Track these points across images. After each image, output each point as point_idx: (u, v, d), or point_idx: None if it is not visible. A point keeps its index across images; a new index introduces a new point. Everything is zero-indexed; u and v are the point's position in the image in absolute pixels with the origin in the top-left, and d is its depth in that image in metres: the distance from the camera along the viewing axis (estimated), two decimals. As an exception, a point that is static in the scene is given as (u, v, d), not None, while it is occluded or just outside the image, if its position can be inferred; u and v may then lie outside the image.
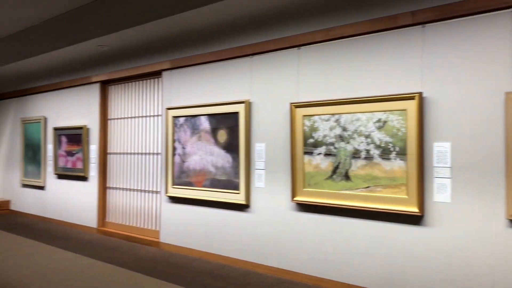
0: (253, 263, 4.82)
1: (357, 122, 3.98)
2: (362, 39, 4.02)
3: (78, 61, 6.86)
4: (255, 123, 4.85)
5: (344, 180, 4.05)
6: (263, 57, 4.80)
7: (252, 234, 4.85)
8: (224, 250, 5.13)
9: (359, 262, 3.99)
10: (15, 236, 6.64)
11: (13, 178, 8.99)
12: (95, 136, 7.01)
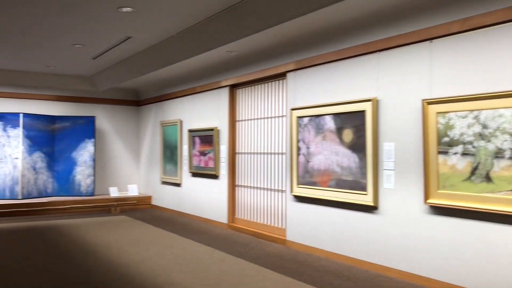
0: (382, 265, 4.67)
1: (499, 119, 3.62)
2: (503, 28, 3.65)
3: (209, 67, 7.32)
4: (383, 122, 4.69)
5: (485, 182, 3.72)
6: (390, 52, 4.62)
7: (380, 236, 4.70)
8: (350, 251, 5.05)
9: (504, 273, 3.63)
10: (157, 228, 7.32)
11: (154, 176, 9.93)
12: (224, 137, 7.42)
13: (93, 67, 8.56)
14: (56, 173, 9.56)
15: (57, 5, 5.00)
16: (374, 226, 4.77)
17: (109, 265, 4.99)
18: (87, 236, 6.61)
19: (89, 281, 4.40)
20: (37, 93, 9.61)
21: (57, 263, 5.09)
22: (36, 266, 4.98)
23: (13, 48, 7.04)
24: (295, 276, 4.53)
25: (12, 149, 8.98)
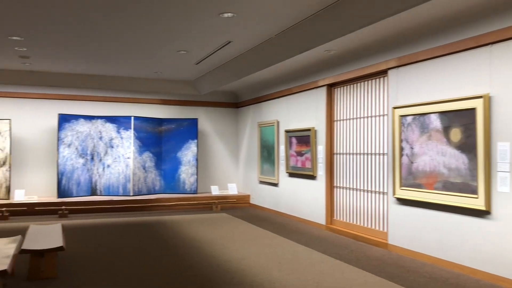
0: (495, 275, 4.32)
1: None
2: None
3: (306, 67, 7.32)
4: (496, 120, 4.33)
5: None
6: (506, 45, 4.25)
7: (494, 243, 4.35)
8: (459, 258, 4.73)
9: None
10: (255, 227, 7.49)
11: (252, 175, 10.18)
12: (322, 137, 7.37)
13: (196, 71, 9.00)
14: (163, 171, 10.22)
15: (164, 16, 5.34)
16: (486, 232, 4.43)
17: (212, 260, 5.21)
18: (191, 232, 6.97)
19: (195, 274, 4.63)
20: (146, 97, 10.35)
21: (166, 256, 5.43)
22: (148, 257, 5.37)
23: (126, 57, 7.66)
24: (398, 282, 4.37)
25: (125, 150, 9.76)
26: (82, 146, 9.57)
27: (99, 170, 9.70)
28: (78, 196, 9.42)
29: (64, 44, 6.80)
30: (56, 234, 5.14)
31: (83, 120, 9.59)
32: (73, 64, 8.33)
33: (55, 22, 5.65)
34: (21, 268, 4.73)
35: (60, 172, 9.22)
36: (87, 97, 9.88)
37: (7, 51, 7.25)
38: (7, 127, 8.91)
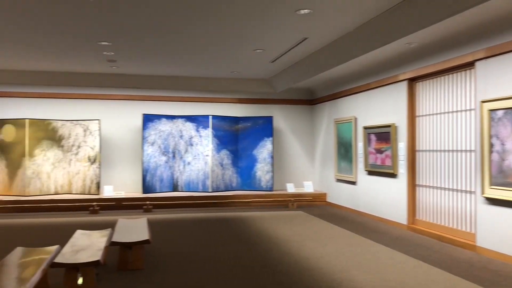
0: None
1: None
2: None
3: (385, 61, 7.08)
4: None
5: None
6: None
7: None
8: (561, 265, 4.33)
9: None
10: (333, 225, 7.39)
11: (328, 173, 10.05)
12: (403, 133, 7.09)
13: (271, 69, 9.06)
14: (239, 169, 10.41)
15: (241, 17, 5.43)
16: None
17: (290, 257, 5.22)
18: (268, 228, 7.03)
19: (274, 271, 4.67)
20: (223, 96, 10.60)
21: (245, 251, 5.53)
22: (227, 252, 5.50)
23: (204, 58, 7.89)
24: (487, 286, 4.09)
25: (203, 147, 10.07)
26: (164, 145, 10.02)
27: (180, 167, 10.09)
28: (161, 191, 9.88)
29: (147, 48, 7.15)
30: (142, 228, 5.42)
31: (165, 120, 10.04)
32: (156, 66, 8.73)
33: (139, 28, 5.96)
34: (111, 259, 5.05)
35: (144, 169, 9.73)
36: (168, 98, 10.33)
37: (97, 56, 7.76)
38: (97, 127, 9.56)
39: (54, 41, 6.73)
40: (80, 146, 9.62)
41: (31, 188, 9.23)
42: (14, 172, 9.27)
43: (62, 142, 9.60)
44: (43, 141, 9.44)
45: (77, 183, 9.58)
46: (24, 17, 5.53)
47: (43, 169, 9.39)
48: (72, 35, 6.38)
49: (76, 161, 9.60)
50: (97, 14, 5.40)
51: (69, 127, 9.64)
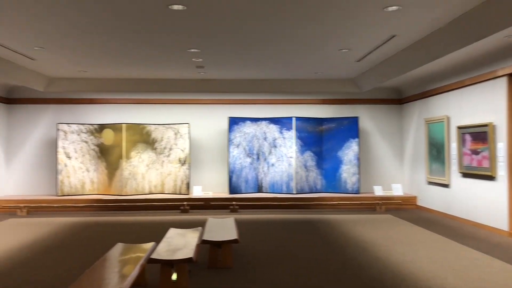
0: None
1: None
2: None
3: (481, 57, 6.63)
4: None
5: None
6: None
7: None
8: None
9: None
10: (424, 230, 7.04)
11: (418, 175, 9.61)
12: (502, 133, 6.58)
13: (357, 69, 8.87)
14: (324, 171, 10.31)
15: (327, 16, 5.38)
16: None
17: (379, 261, 5.06)
18: (355, 232, 6.88)
19: (363, 275, 4.56)
20: (306, 98, 10.58)
21: (332, 254, 5.46)
22: (314, 254, 5.47)
23: (288, 60, 7.93)
24: None
25: (287, 149, 10.12)
26: (249, 146, 10.22)
27: (264, 169, 10.23)
28: (246, 192, 10.08)
29: (233, 53, 7.35)
30: (231, 227, 5.58)
31: (249, 122, 10.24)
32: (241, 70, 8.95)
33: (226, 34, 6.15)
34: (201, 256, 5.25)
35: (230, 170, 9.99)
36: (253, 101, 10.53)
37: (186, 63, 8.13)
38: (186, 130, 10.01)
39: (148, 51, 7.15)
40: (171, 149, 10.13)
41: (128, 188, 9.89)
42: (113, 173, 9.98)
43: (155, 144, 10.17)
44: (138, 144, 10.07)
45: (169, 184, 10.09)
46: (123, 31, 5.95)
47: (138, 170, 10.02)
48: (165, 45, 6.75)
49: (168, 163, 10.12)
50: (187, 24, 5.66)
51: (162, 130, 10.18)
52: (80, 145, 9.99)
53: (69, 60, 7.96)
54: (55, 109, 10.33)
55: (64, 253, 5.61)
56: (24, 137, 10.25)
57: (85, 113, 10.40)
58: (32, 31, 6.06)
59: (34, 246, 6.00)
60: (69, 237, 6.62)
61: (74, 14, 5.30)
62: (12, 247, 5.89)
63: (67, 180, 9.81)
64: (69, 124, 9.92)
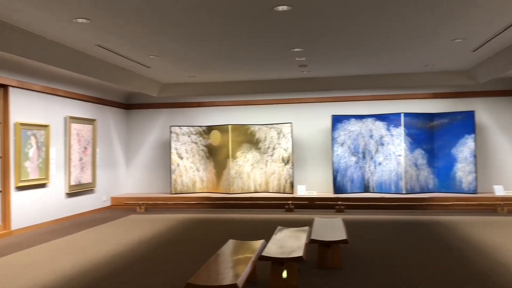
0: None
1: None
2: None
3: None
4: None
5: None
6: None
7: None
8: None
9: None
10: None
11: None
12: None
13: (472, 59, 8.21)
14: (436, 169, 9.70)
15: (439, 4, 5.04)
16: None
17: (506, 268, 4.62)
18: (474, 235, 6.36)
19: (485, 281, 4.20)
20: (415, 92, 10.04)
21: (448, 258, 5.11)
22: (427, 258, 5.15)
23: (395, 54, 7.58)
24: None
25: (395, 147, 9.69)
26: (354, 145, 9.97)
27: (371, 168, 9.91)
28: (352, 192, 9.85)
29: (337, 50, 7.22)
30: (339, 228, 5.48)
31: (354, 120, 9.99)
32: (345, 67, 8.76)
33: (330, 32, 6.05)
34: (309, 256, 5.22)
35: (334, 169, 9.84)
36: (357, 97, 10.27)
37: (289, 62, 8.17)
38: (289, 130, 10.06)
39: (252, 54, 7.32)
40: (275, 148, 10.26)
41: (235, 187, 10.21)
42: (221, 172, 10.39)
43: (259, 144, 10.38)
44: (243, 144, 10.35)
45: (273, 183, 10.23)
46: (229, 36, 6.15)
47: (244, 169, 10.30)
48: (268, 46, 6.85)
49: (272, 162, 10.26)
50: (291, 24, 5.68)
51: (265, 130, 10.36)
52: (190, 146, 10.55)
53: (179, 67, 8.44)
54: (167, 113, 11.03)
55: (179, 248, 5.95)
56: (141, 139, 11.09)
57: (194, 115, 10.97)
58: (147, 41, 6.52)
59: (153, 240, 6.45)
60: (183, 233, 7.01)
61: (185, 23, 5.59)
62: (133, 241, 6.40)
63: (180, 179, 10.41)
64: (181, 127, 10.53)
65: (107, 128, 10.18)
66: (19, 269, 4.93)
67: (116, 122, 10.62)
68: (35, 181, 7.55)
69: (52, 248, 5.99)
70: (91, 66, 7.64)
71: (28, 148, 7.39)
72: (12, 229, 7.04)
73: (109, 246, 6.06)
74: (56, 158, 8.21)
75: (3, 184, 6.98)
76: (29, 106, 7.49)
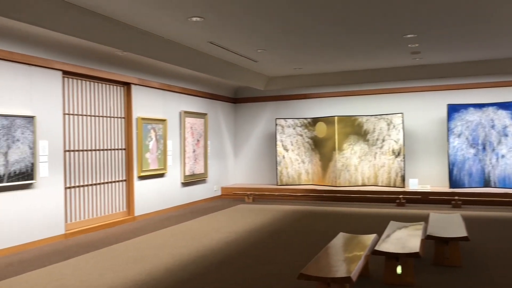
0: None
1: None
2: None
3: None
4: None
5: None
6: None
7: None
8: None
9: None
10: None
11: None
12: None
13: None
14: None
15: None
16: None
17: None
18: None
19: None
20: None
21: None
22: None
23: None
24: None
25: (521, 138, 8.79)
26: (473, 136, 9.22)
27: (492, 161, 9.09)
28: (470, 187, 9.14)
29: (454, 35, 6.71)
30: (457, 224, 5.12)
31: (472, 109, 9.24)
32: (463, 52, 8.12)
33: (445, 15, 5.64)
34: (425, 252, 4.95)
35: (450, 162, 9.21)
36: (476, 85, 9.48)
37: (401, 50, 7.79)
38: (400, 120, 9.61)
39: (362, 41, 7.10)
40: (384, 140, 9.89)
41: (341, 180, 10.05)
42: (327, 165, 10.29)
43: (367, 136, 10.08)
44: (350, 136, 10.13)
45: (382, 176, 9.88)
46: (336, 24, 6.03)
47: (351, 162, 10.09)
48: (379, 33, 6.58)
49: (381, 154, 9.91)
50: (403, 8, 5.40)
51: (373, 121, 10.03)
52: (295, 138, 10.60)
53: (286, 59, 8.50)
54: (273, 106, 11.19)
55: (288, 238, 6.02)
56: (248, 132, 11.41)
57: (299, 108, 10.99)
58: (256, 35, 6.65)
59: (262, 230, 6.61)
60: (291, 224, 7.08)
61: (295, 14, 5.60)
62: (243, 230, 6.61)
63: (285, 170, 10.53)
64: (286, 119, 10.62)
65: (217, 122, 10.63)
66: (144, 251, 5.37)
67: (225, 115, 11.04)
68: (155, 171, 8.16)
69: (171, 234, 6.43)
70: (203, 63, 8.02)
71: (148, 140, 7.99)
72: (135, 215, 7.69)
73: (222, 234, 6.34)
74: (172, 150, 8.78)
75: (127, 173, 7.64)
76: (149, 102, 8.09)
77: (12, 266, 4.81)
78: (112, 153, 7.35)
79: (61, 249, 5.59)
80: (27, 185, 5.65)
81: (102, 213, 7.08)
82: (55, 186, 6.08)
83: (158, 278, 4.31)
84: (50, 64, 5.98)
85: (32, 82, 5.77)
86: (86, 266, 4.75)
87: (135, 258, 5.04)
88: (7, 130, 5.32)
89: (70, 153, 6.50)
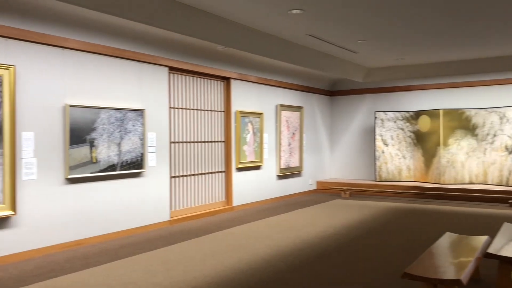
0: None
1: None
2: None
3: None
4: None
5: None
6: None
7: None
8: None
9: None
10: None
11: None
12: None
13: None
14: None
15: None
16: None
17: None
18: None
19: None
20: None
21: None
22: None
23: None
24: None
25: None
26: None
27: None
28: None
29: None
30: None
31: None
32: None
33: None
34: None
35: None
36: None
37: (517, 35, 7.09)
38: (515, 114, 8.78)
39: (471, 27, 6.57)
40: (495, 135, 9.09)
41: (446, 177, 9.44)
42: (430, 160, 9.72)
43: (476, 131, 9.34)
44: (457, 130, 9.46)
45: (493, 174, 9.10)
46: (445, 10, 5.63)
47: (457, 158, 9.43)
48: (491, 19, 6.04)
49: (492, 151, 9.12)
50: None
51: (483, 115, 9.26)
52: (396, 132, 10.16)
53: (388, 50, 8.15)
54: (372, 98, 10.83)
55: (388, 236, 5.79)
56: (344, 125, 11.17)
57: (400, 100, 10.50)
58: (357, 26, 6.45)
59: (361, 226, 6.43)
60: (391, 221, 6.80)
61: (397, 2, 5.33)
62: (341, 225, 6.49)
63: (385, 166, 10.14)
64: (386, 112, 10.21)
65: (313, 115, 10.54)
66: (242, 241, 5.50)
67: (321, 108, 10.91)
68: (252, 163, 8.32)
69: (268, 225, 6.52)
70: (301, 56, 7.98)
71: (246, 133, 8.17)
72: (233, 205, 7.92)
73: (319, 228, 6.29)
74: (268, 143, 8.89)
75: (226, 165, 7.89)
76: (246, 96, 8.26)
77: (124, 248, 5.21)
78: (213, 145, 7.64)
79: (166, 234, 5.94)
80: (137, 173, 6.07)
81: (203, 202, 7.40)
82: (162, 175, 6.47)
83: (256, 267, 4.39)
84: (158, 61, 6.35)
85: (142, 77, 6.18)
86: (189, 252, 4.99)
87: (234, 247, 5.19)
88: (120, 122, 5.76)
89: (175, 145, 6.87)
